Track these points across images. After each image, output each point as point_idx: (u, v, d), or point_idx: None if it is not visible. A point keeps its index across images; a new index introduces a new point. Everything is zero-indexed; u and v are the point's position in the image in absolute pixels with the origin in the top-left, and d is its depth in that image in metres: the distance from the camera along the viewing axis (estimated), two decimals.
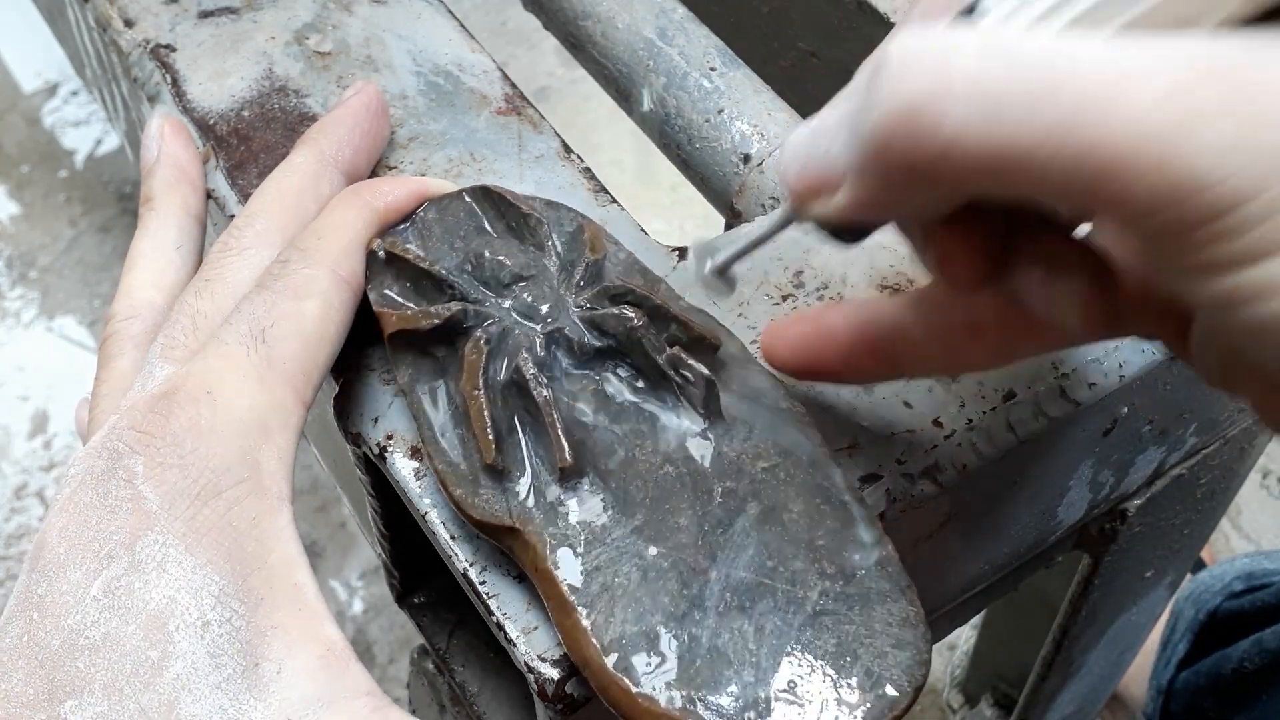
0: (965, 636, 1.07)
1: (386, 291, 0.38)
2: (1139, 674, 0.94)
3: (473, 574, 0.35)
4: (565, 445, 0.33)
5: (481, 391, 0.34)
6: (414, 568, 0.46)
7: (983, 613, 0.93)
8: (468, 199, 0.40)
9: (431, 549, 0.37)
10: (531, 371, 0.34)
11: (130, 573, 0.30)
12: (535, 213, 0.39)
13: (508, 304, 0.37)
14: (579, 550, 0.32)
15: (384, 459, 0.37)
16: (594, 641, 0.31)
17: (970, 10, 0.29)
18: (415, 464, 0.37)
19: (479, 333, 0.35)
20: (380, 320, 0.37)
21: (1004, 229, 0.30)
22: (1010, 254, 0.30)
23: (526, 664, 0.33)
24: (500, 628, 0.34)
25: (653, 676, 0.30)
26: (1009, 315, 0.32)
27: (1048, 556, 0.54)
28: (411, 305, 0.37)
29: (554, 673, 0.33)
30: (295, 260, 0.37)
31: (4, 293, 1.35)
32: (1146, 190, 0.23)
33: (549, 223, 0.39)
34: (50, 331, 1.32)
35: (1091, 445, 0.44)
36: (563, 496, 0.33)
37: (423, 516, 0.36)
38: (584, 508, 0.33)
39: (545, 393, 0.34)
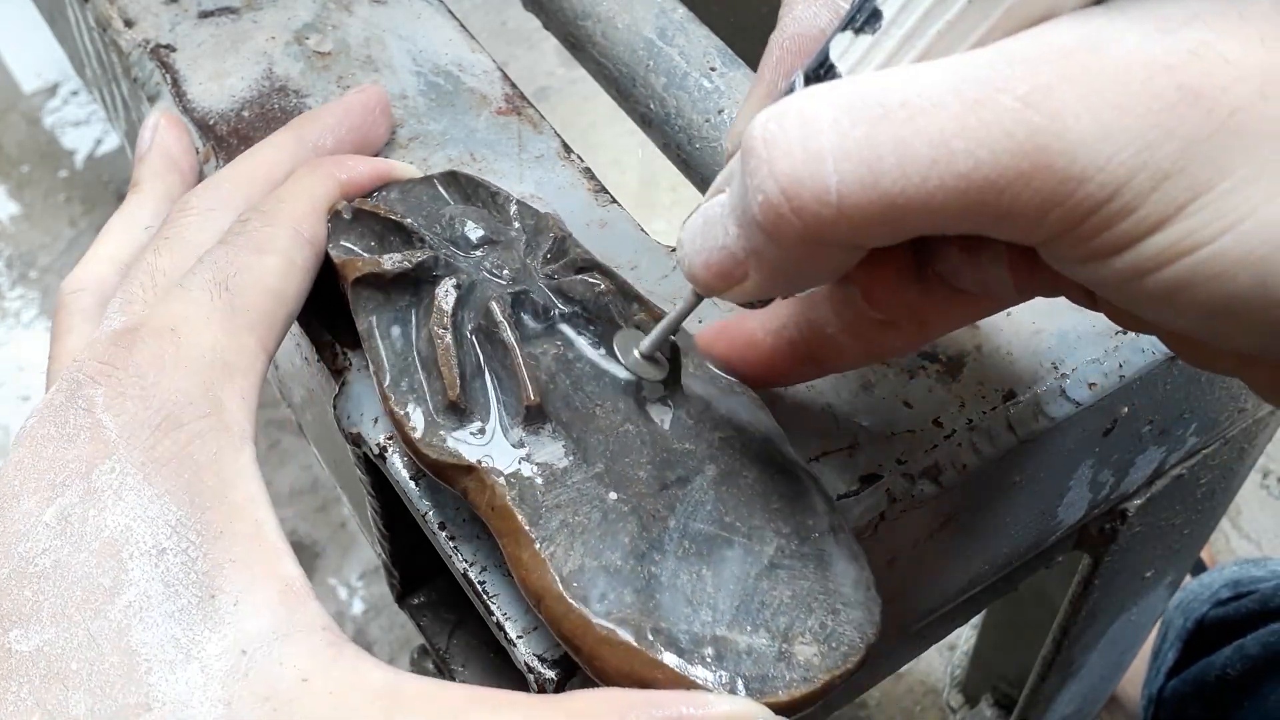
0: (965, 636, 1.07)
1: (349, 245, 0.38)
2: (1138, 675, 0.94)
3: (473, 574, 0.35)
4: (531, 384, 0.33)
5: (449, 330, 0.34)
6: (414, 568, 0.46)
7: (983, 613, 0.93)
8: (436, 184, 0.41)
9: (431, 549, 0.37)
10: (499, 316, 0.35)
11: (85, 500, 0.30)
12: (504, 192, 0.40)
13: (476, 260, 0.37)
14: (540, 487, 0.32)
15: (384, 459, 0.37)
16: (552, 571, 0.31)
17: (821, 71, 0.28)
18: (415, 464, 0.37)
19: (449, 279, 0.36)
20: (343, 269, 0.37)
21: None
22: (924, 250, 0.31)
23: (526, 664, 0.33)
24: (500, 628, 0.34)
25: (611, 607, 0.30)
26: (922, 302, 0.32)
27: (1048, 556, 0.54)
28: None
29: (554, 673, 0.33)
30: (256, 220, 0.37)
31: (4, 293, 1.35)
32: (1030, 197, 0.24)
33: (517, 205, 0.40)
34: (50, 331, 1.32)
35: (1091, 445, 0.44)
36: (524, 439, 0.33)
37: (423, 516, 0.36)
38: (545, 451, 0.33)
39: (512, 335, 0.34)
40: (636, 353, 0.35)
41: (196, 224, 0.38)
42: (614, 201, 0.44)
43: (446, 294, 0.35)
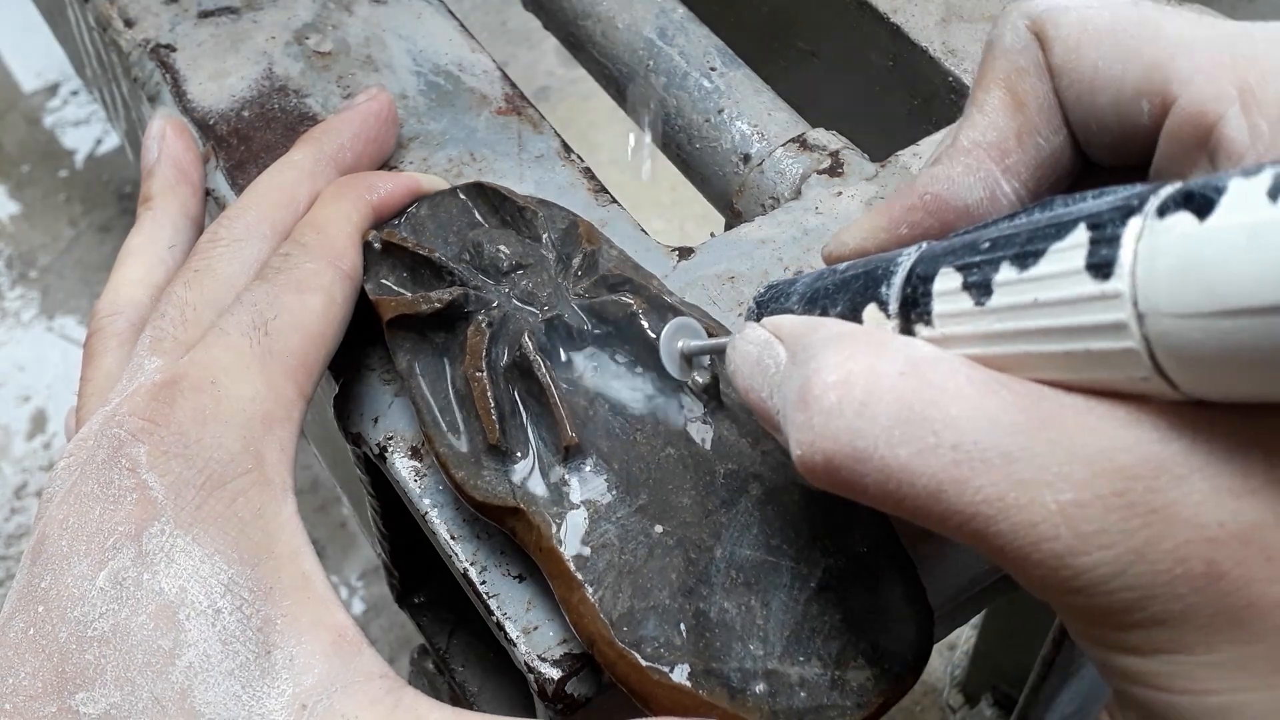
0: (965, 636, 1.07)
1: (383, 281, 0.38)
2: None
3: (473, 574, 0.35)
4: (569, 422, 0.33)
5: (484, 373, 0.34)
6: (414, 568, 0.46)
7: (983, 613, 0.93)
8: (461, 195, 0.40)
9: (431, 549, 0.37)
10: (534, 353, 0.34)
11: (138, 563, 0.30)
12: (531, 206, 0.39)
13: (507, 290, 0.37)
14: (584, 528, 0.32)
15: (384, 459, 0.37)
16: (602, 617, 0.31)
17: (920, 293, 0.27)
18: (415, 464, 0.37)
19: (481, 316, 0.36)
20: (378, 308, 0.37)
21: None
22: None
23: (526, 664, 0.33)
24: (500, 628, 0.34)
25: (662, 650, 0.30)
26: None
27: None
28: (409, 293, 0.37)
29: (554, 673, 0.33)
30: (297, 254, 0.37)
31: (4, 293, 1.35)
32: (1041, 580, 0.24)
33: (544, 216, 0.39)
34: (50, 331, 1.32)
35: None
36: (566, 476, 0.33)
37: (423, 516, 0.36)
38: (588, 487, 0.33)
39: (548, 372, 0.34)
40: (679, 345, 0.34)
41: (225, 255, 0.37)
42: (614, 201, 0.44)
43: (479, 333, 0.35)
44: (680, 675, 0.30)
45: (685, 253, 0.43)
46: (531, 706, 0.36)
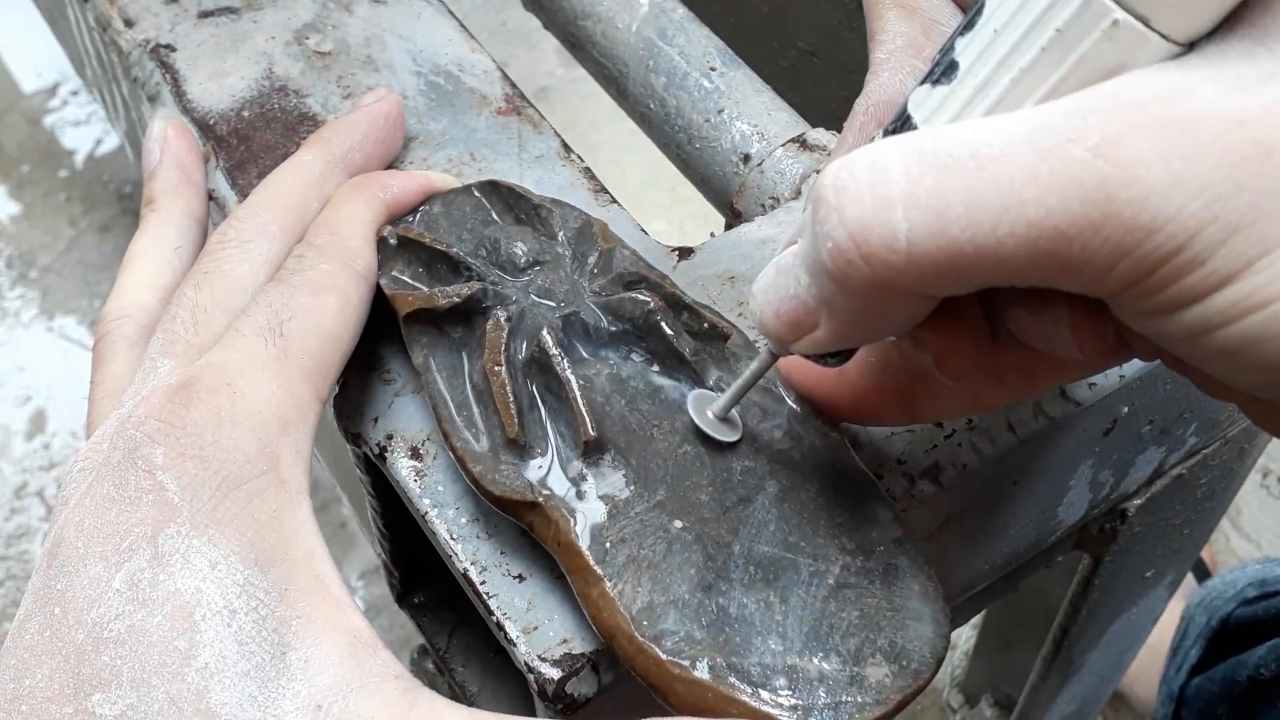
0: (965, 636, 1.07)
1: (399, 276, 0.38)
2: (1144, 674, 0.93)
3: (473, 574, 0.35)
4: (589, 417, 0.33)
5: (504, 367, 0.34)
6: (414, 568, 0.46)
7: (983, 613, 0.93)
8: (476, 193, 0.40)
9: (431, 549, 0.37)
10: (554, 349, 0.34)
11: (154, 565, 0.30)
12: (546, 204, 0.39)
13: (524, 285, 0.37)
14: (603, 522, 0.33)
15: (384, 459, 0.37)
16: (622, 611, 0.31)
17: (899, 125, 0.29)
18: (415, 464, 0.37)
19: (499, 311, 0.36)
20: (395, 302, 0.37)
21: (983, 298, 0.30)
22: (995, 310, 0.30)
23: (526, 664, 0.33)
24: (500, 628, 0.34)
25: (682, 644, 0.30)
26: (1028, 358, 0.32)
27: (1048, 556, 0.54)
28: (425, 287, 0.37)
29: (554, 673, 0.33)
30: (312, 256, 0.37)
31: (4, 293, 1.35)
32: (1100, 246, 0.24)
33: (559, 215, 0.39)
34: (50, 331, 1.32)
35: (1091, 445, 0.44)
36: (585, 471, 0.33)
37: (423, 516, 0.36)
38: (606, 482, 0.33)
39: (567, 367, 0.34)
40: (710, 413, 0.35)
41: (235, 256, 0.37)
42: (614, 201, 0.44)
43: (498, 328, 0.35)
44: (701, 669, 0.30)
45: (685, 253, 0.43)
46: (531, 706, 0.36)
